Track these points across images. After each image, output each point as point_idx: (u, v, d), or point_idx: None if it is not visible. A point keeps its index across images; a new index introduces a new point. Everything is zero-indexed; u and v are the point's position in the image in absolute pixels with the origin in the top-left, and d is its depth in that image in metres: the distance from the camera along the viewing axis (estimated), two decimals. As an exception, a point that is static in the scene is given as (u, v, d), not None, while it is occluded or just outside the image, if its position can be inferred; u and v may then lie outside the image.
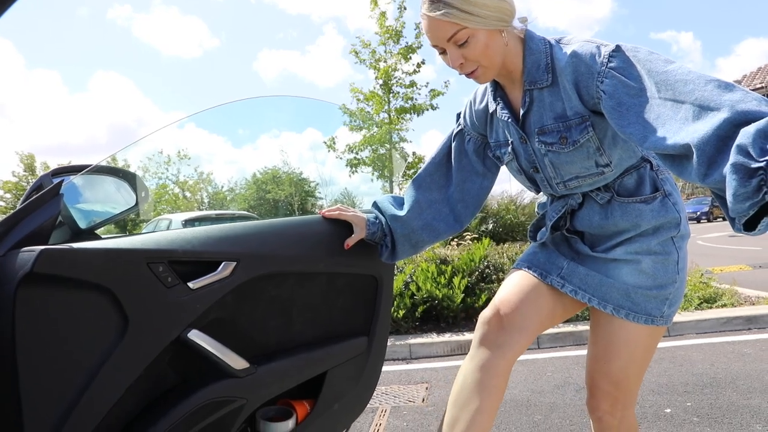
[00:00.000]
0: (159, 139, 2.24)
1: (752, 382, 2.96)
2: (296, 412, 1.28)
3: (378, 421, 2.85)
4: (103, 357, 0.98)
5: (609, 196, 1.26)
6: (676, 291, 1.25)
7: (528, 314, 1.26)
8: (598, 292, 1.26)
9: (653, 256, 1.23)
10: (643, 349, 1.27)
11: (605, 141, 1.19)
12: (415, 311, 4.54)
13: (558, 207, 1.32)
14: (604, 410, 1.31)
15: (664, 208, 1.24)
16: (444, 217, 1.41)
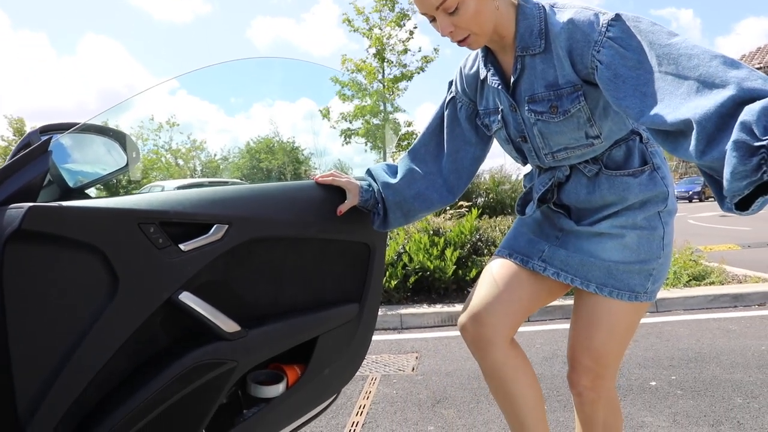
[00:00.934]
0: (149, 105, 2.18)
1: (735, 357, 3.01)
2: (287, 377, 1.28)
3: (368, 389, 2.89)
4: (94, 317, 0.97)
5: (597, 169, 1.24)
6: (660, 266, 1.24)
7: (503, 302, 1.29)
8: (579, 272, 1.25)
9: (638, 231, 1.22)
10: (626, 325, 1.27)
11: (596, 112, 1.17)
12: (407, 282, 4.57)
13: (545, 180, 1.30)
14: (584, 385, 1.31)
15: (652, 182, 1.22)
16: (437, 187, 1.39)
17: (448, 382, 2.92)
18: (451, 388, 2.82)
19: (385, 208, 1.38)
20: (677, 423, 2.23)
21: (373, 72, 12.64)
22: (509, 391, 1.31)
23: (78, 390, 0.95)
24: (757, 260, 6.13)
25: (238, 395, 1.28)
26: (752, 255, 6.87)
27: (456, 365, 3.20)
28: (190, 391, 1.07)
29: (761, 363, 2.88)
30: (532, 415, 1.33)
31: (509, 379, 1.30)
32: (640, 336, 3.55)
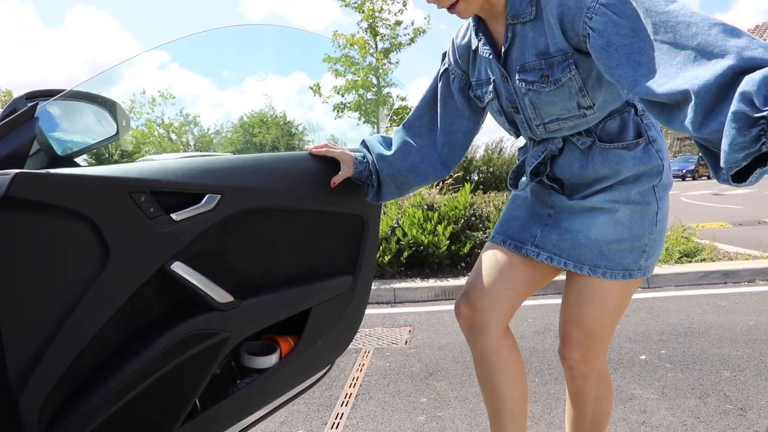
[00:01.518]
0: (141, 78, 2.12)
1: (724, 332, 3.05)
2: (280, 348, 1.28)
3: (361, 361, 2.91)
4: (85, 286, 0.96)
5: (590, 141, 1.22)
6: (653, 242, 1.23)
7: (497, 288, 1.31)
8: (572, 255, 1.24)
9: (631, 206, 1.20)
10: (618, 300, 1.26)
11: (589, 82, 1.14)
12: (401, 256, 4.58)
13: (537, 152, 1.28)
14: (575, 359, 1.31)
15: (647, 155, 1.20)
16: (432, 161, 1.38)
17: (441, 355, 2.95)
18: (444, 361, 2.85)
19: (379, 180, 1.36)
20: (665, 395, 2.27)
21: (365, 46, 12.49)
22: (495, 380, 1.33)
23: (69, 359, 0.95)
24: (747, 238, 6.18)
25: (232, 366, 1.28)
26: (743, 233, 6.93)
27: (449, 339, 3.23)
28: (182, 361, 1.06)
29: (749, 338, 2.92)
30: (513, 409, 1.34)
31: (497, 369, 1.32)
32: (631, 311, 3.59)
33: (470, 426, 2.09)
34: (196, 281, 1.08)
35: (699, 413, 2.09)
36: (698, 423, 2.01)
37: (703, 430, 1.96)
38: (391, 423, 2.16)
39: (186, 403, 1.10)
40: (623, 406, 2.18)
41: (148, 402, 1.04)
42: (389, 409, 2.29)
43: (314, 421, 2.21)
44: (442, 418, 2.18)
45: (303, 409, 2.33)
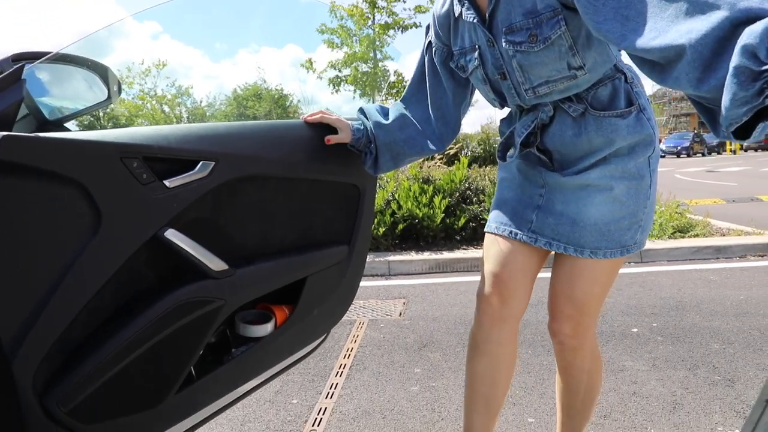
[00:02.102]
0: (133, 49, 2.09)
1: (715, 306, 3.08)
2: (275, 316, 1.28)
3: (356, 333, 2.93)
4: (77, 252, 0.94)
5: (582, 109, 1.18)
6: (647, 216, 1.22)
7: (521, 280, 1.29)
8: (572, 239, 1.22)
9: (627, 181, 1.18)
10: (609, 274, 1.26)
11: (579, 40, 1.10)
12: (396, 229, 4.58)
13: (527, 121, 1.24)
14: (566, 333, 1.31)
15: (639, 124, 1.17)
16: (428, 135, 1.36)
17: (435, 327, 2.97)
18: (438, 333, 2.87)
19: (376, 148, 1.34)
20: (656, 367, 2.30)
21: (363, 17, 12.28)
22: (495, 372, 1.32)
23: (63, 325, 0.94)
24: (740, 214, 6.22)
25: (227, 334, 1.28)
26: (736, 209, 6.97)
27: (443, 311, 3.25)
28: (177, 329, 1.06)
29: (738, 312, 2.96)
30: (496, 406, 1.35)
31: (501, 361, 1.31)
32: (624, 285, 3.62)
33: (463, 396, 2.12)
34: (190, 249, 1.06)
35: (688, 384, 2.12)
36: (687, 393, 2.04)
37: (692, 400, 1.99)
38: (385, 393, 2.18)
39: (181, 371, 1.10)
40: (614, 378, 2.21)
41: (143, 369, 1.04)
42: (383, 380, 2.31)
43: (309, 390, 2.23)
44: (436, 388, 2.20)
45: (298, 379, 2.34)
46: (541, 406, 1.99)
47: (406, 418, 1.97)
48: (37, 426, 0.92)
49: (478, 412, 1.36)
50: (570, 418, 1.45)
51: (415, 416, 1.98)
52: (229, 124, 1.23)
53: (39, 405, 0.92)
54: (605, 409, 1.95)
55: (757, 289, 3.38)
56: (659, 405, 1.97)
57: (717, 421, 1.84)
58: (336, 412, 2.04)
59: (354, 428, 1.91)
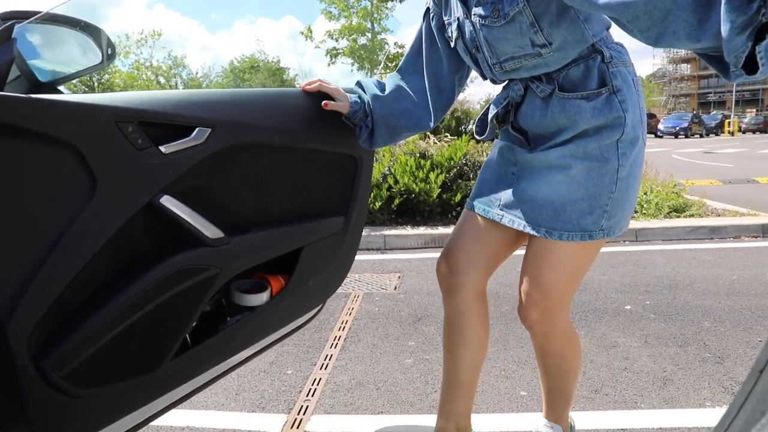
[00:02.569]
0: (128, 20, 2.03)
1: (708, 285, 3.11)
2: (271, 286, 1.28)
3: (351, 306, 2.94)
4: (71, 216, 0.93)
5: (550, 90, 1.16)
6: (615, 202, 1.16)
7: (473, 251, 1.33)
8: (530, 217, 1.20)
9: (588, 162, 1.14)
10: (577, 261, 1.23)
11: (545, 18, 1.08)
12: (392, 203, 4.57)
13: (500, 99, 1.25)
14: (533, 319, 1.28)
15: (608, 107, 1.12)
16: (424, 106, 1.35)
17: (429, 301, 2.99)
18: (432, 307, 2.89)
19: (373, 122, 1.33)
20: (648, 344, 2.32)
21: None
22: (458, 341, 1.34)
23: (58, 289, 0.93)
24: (736, 196, 6.23)
25: (222, 303, 1.28)
26: (732, 191, 6.98)
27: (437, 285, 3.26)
28: (172, 295, 1.05)
29: (731, 291, 2.98)
30: (464, 376, 1.37)
31: (463, 330, 1.34)
32: (618, 263, 3.64)
33: (456, 368, 2.14)
34: (186, 216, 1.05)
35: (679, 360, 2.15)
36: (678, 370, 2.07)
37: (682, 376, 2.02)
38: (379, 365, 2.20)
39: (176, 338, 1.10)
40: (606, 353, 2.23)
41: (138, 335, 1.04)
42: (378, 352, 2.33)
43: (303, 362, 2.25)
44: (430, 361, 2.22)
45: (292, 350, 2.36)
46: (533, 380, 2.02)
47: (400, 390, 1.99)
48: (32, 390, 0.92)
49: (444, 383, 1.41)
50: (551, 396, 1.47)
51: (408, 388, 2.00)
52: (226, 91, 1.21)
53: (34, 369, 0.92)
54: (596, 384, 1.97)
55: (749, 270, 3.41)
56: (650, 380, 1.99)
57: (705, 396, 1.86)
58: (330, 383, 2.06)
59: (348, 399, 1.93)
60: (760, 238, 4.37)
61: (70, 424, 0.99)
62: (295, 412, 1.84)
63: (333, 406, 1.89)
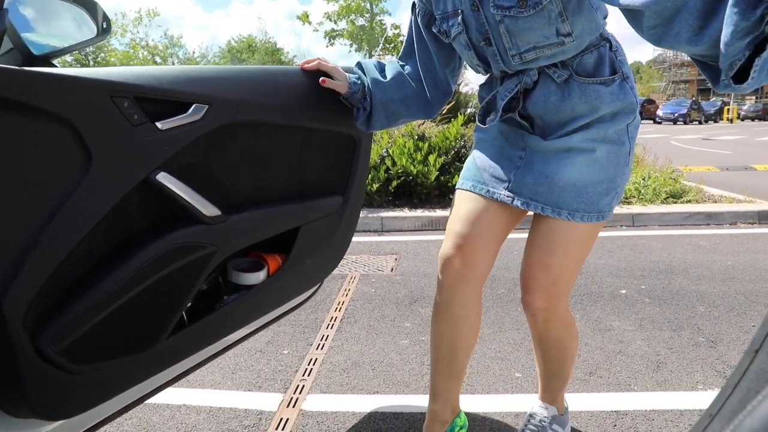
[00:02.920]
0: None
1: (703, 270, 3.12)
2: (268, 265, 1.27)
3: (347, 287, 2.95)
4: (66, 192, 0.92)
5: (567, 75, 1.16)
6: (623, 182, 1.22)
7: (487, 240, 1.27)
8: (549, 199, 1.19)
9: (608, 145, 1.17)
10: (586, 242, 1.24)
11: (569, 6, 1.08)
12: (389, 185, 4.56)
13: (511, 86, 1.21)
14: (538, 307, 1.28)
15: (623, 92, 1.16)
16: (423, 97, 1.34)
17: (426, 283, 2.99)
18: (429, 289, 2.89)
19: (371, 105, 1.31)
20: (642, 327, 2.34)
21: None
22: (457, 333, 1.32)
23: (53, 265, 0.93)
24: (733, 182, 6.24)
25: (219, 282, 1.28)
26: (730, 177, 6.98)
27: (434, 267, 3.26)
28: (169, 273, 1.05)
29: (725, 276, 3.00)
30: (459, 368, 1.36)
31: (464, 322, 1.30)
32: (615, 247, 3.65)
33: (452, 350, 2.15)
34: (183, 193, 1.04)
35: (672, 344, 2.16)
36: (671, 353, 2.08)
37: (675, 359, 2.03)
38: (375, 345, 2.21)
39: (173, 315, 1.10)
40: (601, 336, 2.25)
41: (134, 312, 1.03)
42: (374, 333, 2.34)
43: (300, 342, 2.26)
44: (426, 342, 2.23)
45: (289, 330, 2.37)
46: (528, 362, 2.03)
47: (396, 370, 2.00)
48: (29, 365, 0.92)
49: (441, 375, 1.37)
50: (547, 380, 1.48)
51: (404, 368, 2.01)
52: (223, 68, 1.19)
53: (30, 344, 0.92)
54: (591, 366, 1.99)
55: (744, 256, 3.42)
56: (643, 363, 2.01)
57: (698, 380, 1.88)
58: (326, 363, 2.07)
59: (344, 379, 1.94)
60: (756, 224, 4.38)
61: (67, 399, 0.99)
62: (291, 391, 1.85)
63: (329, 385, 1.90)
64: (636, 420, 1.64)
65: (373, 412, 1.72)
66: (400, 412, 1.71)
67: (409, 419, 1.67)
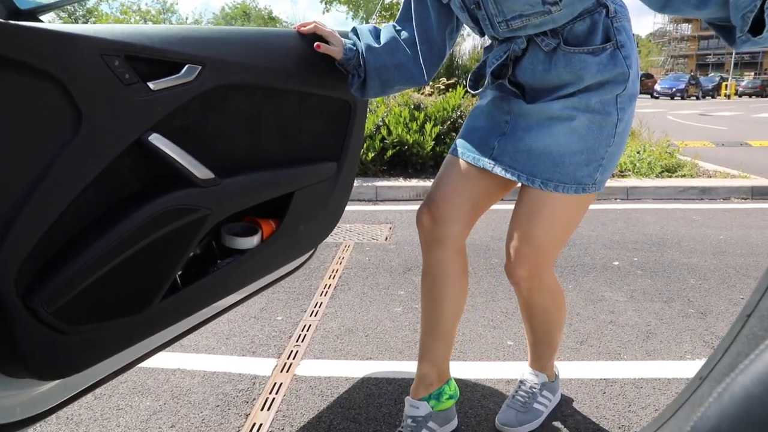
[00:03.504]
0: None
1: (695, 244, 3.14)
2: (262, 230, 1.27)
3: (341, 255, 2.95)
4: (55, 152, 0.90)
5: (555, 44, 1.13)
6: (610, 156, 1.18)
7: (458, 203, 1.29)
8: (526, 167, 1.19)
9: (590, 115, 1.14)
10: (569, 215, 1.23)
11: None
12: (384, 155, 4.54)
13: (499, 53, 1.20)
14: (521, 275, 1.28)
15: (613, 62, 1.12)
16: (417, 61, 1.31)
17: (420, 252, 3.00)
18: (422, 259, 2.90)
19: (365, 72, 1.29)
20: (633, 298, 2.36)
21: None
22: (439, 293, 1.33)
23: (44, 226, 0.91)
24: (728, 158, 6.24)
25: (213, 246, 1.27)
26: (724, 153, 6.99)
27: (428, 238, 3.28)
28: (162, 235, 1.04)
29: (717, 250, 3.02)
30: (446, 327, 1.37)
31: (444, 282, 1.32)
32: (608, 220, 3.66)
33: (445, 318, 2.17)
34: (176, 155, 1.03)
35: (663, 315, 2.19)
36: (661, 324, 2.11)
37: (665, 330, 2.06)
38: (368, 313, 2.23)
39: (166, 278, 1.09)
40: (593, 307, 2.27)
41: (127, 274, 1.03)
42: (367, 300, 2.35)
43: (293, 308, 2.27)
44: (419, 310, 2.24)
45: (283, 297, 2.38)
46: (519, 330, 2.05)
47: (389, 337, 2.02)
48: (22, 326, 0.92)
49: (426, 333, 1.40)
50: (536, 348, 1.50)
51: (397, 335, 2.03)
52: (217, 28, 1.17)
53: (23, 305, 0.91)
54: (582, 336, 2.01)
55: (737, 230, 3.45)
56: (634, 333, 2.03)
57: (687, 350, 1.91)
58: (320, 329, 2.08)
59: (337, 345, 1.96)
60: (749, 200, 4.41)
61: (62, 360, 0.99)
62: (285, 357, 1.87)
63: (322, 351, 1.92)
64: (625, 387, 1.67)
65: (366, 378, 1.74)
66: (393, 378, 1.74)
67: (401, 384, 1.70)
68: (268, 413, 1.56)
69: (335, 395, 1.65)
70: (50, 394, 1.05)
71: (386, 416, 1.55)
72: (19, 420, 1.00)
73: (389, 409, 1.58)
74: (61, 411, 1.29)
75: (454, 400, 1.44)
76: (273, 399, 1.63)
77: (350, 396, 1.65)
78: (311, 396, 1.65)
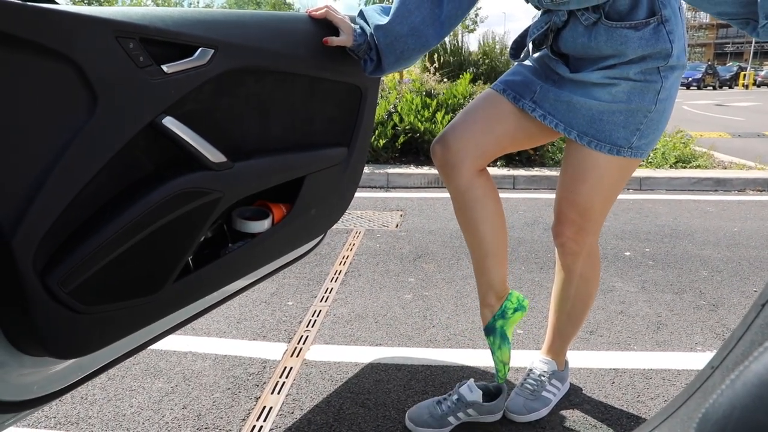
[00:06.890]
0: None
1: (708, 236, 3.11)
2: (273, 214, 1.27)
3: (352, 241, 2.96)
4: (72, 133, 0.91)
5: (595, 18, 1.13)
6: (650, 121, 1.18)
7: (478, 132, 1.28)
8: (565, 117, 1.22)
9: (631, 83, 1.15)
10: (610, 179, 1.25)
11: None
12: (396, 142, 4.53)
13: (540, 23, 1.22)
14: (567, 236, 1.34)
15: (655, 37, 1.11)
16: (432, 21, 1.25)
17: (431, 240, 3.00)
18: (433, 245, 2.90)
19: (378, 53, 1.27)
20: (644, 289, 2.35)
21: None
22: (472, 218, 1.33)
23: (61, 206, 0.93)
24: (744, 149, 6.16)
25: (224, 230, 1.28)
26: (741, 144, 6.89)
27: (439, 224, 3.28)
28: (174, 218, 1.05)
29: (730, 243, 2.99)
30: (490, 247, 1.35)
31: (472, 206, 1.32)
32: (620, 211, 3.63)
33: (455, 306, 2.18)
34: (189, 138, 1.03)
35: (674, 307, 2.18)
36: (672, 315, 2.10)
37: (675, 321, 2.05)
38: (378, 299, 2.24)
39: (178, 261, 1.11)
40: (603, 297, 2.26)
41: (140, 256, 1.04)
42: (377, 287, 2.36)
43: (304, 294, 2.29)
44: (429, 297, 2.25)
45: (293, 282, 2.39)
46: (530, 319, 2.05)
47: (399, 324, 2.03)
48: (40, 305, 0.94)
49: (475, 258, 1.39)
50: (558, 329, 1.49)
51: (407, 322, 2.04)
52: (230, 12, 1.16)
53: (41, 284, 0.93)
54: (592, 325, 2.01)
55: (751, 222, 3.40)
56: (644, 324, 2.03)
57: (697, 341, 1.90)
58: (330, 315, 2.10)
59: (347, 330, 1.97)
60: (765, 192, 4.34)
61: (77, 339, 1.00)
62: (295, 342, 1.89)
63: (332, 336, 1.93)
64: (634, 378, 1.67)
65: (375, 363, 1.75)
66: (402, 364, 1.75)
67: (410, 371, 1.71)
68: (278, 397, 1.58)
69: (344, 380, 1.66)
70: (65, 373, 1.07)
71: (395, 402, 1.56)
72: (35, 398, 1.02)
73: (398, 395, 1.59)
74: (75, 390, 1.31)
75: (521, 312, 1.39)
76: (283, 383, 1.65)
77: (359, 381, 1.66)
78: (321, 380, 1.66)
